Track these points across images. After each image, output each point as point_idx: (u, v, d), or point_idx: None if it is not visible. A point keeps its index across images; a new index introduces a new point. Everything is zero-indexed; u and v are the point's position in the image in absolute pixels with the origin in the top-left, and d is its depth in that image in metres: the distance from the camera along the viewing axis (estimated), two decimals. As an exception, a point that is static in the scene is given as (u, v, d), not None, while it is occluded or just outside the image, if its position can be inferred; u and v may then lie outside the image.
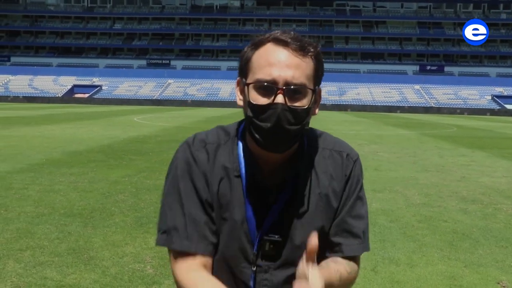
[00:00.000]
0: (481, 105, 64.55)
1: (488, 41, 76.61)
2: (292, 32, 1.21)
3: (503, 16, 77.06)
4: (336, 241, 1.32)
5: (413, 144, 16.61)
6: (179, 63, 78.23)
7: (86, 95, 66.73)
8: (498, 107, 63.63)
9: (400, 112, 60.32)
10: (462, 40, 77.40)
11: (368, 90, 68.81)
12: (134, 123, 23.97)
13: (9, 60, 78.14)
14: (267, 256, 1.25)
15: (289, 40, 1.18)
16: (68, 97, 65.35)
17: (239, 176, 1.27)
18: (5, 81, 70.47)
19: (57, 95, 65.82)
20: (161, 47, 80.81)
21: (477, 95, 67.70)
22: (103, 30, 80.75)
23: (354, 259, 1.35)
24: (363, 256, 4.54)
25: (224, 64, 77.98)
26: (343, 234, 1.32)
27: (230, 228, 1.27)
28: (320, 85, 1.26)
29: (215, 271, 1.29)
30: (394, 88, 69.71)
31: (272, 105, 1.16)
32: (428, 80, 72.19)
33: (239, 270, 1.28)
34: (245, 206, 1.26)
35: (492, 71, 75.20)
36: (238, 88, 1.28)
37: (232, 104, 62.65)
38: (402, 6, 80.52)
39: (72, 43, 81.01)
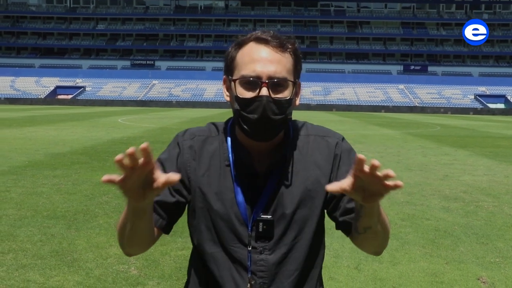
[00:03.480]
0: (464, 104, 65.42)
1: (470, 41, 77.86)
2: (271, 31, 1.34)
3: (485, 16, 78.02)
4: (351, 206, 1.35)
5: (397, 143, 16.76)
6: (163, 64, 77.88)
7: (70, 97, 66.15)
8: (481, 106, 64.52)
9: (385, 112, 60.83)
10: (445, 40, 78.98)
11: (353, 90, 69.28)
12: (118, 125, 23.82)
13: (-10, 61, 77.13)
14: (261, 237, 1.33)
15: (269, 38, 1.31)
16: (51, 99, 64.70)
17: (229, 165, 1.37)
18: (-13, 82, 69.56)
19: (39, 97, 65.10)
20: (145, 47, 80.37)
21: (460, 94, 68.58)
22: (86, 31, 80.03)
23: None
24: (346, 254, 4.60)
25: (209, 65, 77.85)
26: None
27: (220, 211, 1.35)
28: (300, 79, 1.38)
29: (211, 249, 1.37)
30: (379, 88, 70.28)
31: (257, 97, 1.27)
32: (412, 79, 72.94)
33: (233, 250, 1.35)
34: (235, 191, 1.34)
35: (475, 70, 76.18)
36: (224, 85, 1.41)
37: (217, 104, 62.59)
38: (385, 7, 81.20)
39: (55, 44, 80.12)
